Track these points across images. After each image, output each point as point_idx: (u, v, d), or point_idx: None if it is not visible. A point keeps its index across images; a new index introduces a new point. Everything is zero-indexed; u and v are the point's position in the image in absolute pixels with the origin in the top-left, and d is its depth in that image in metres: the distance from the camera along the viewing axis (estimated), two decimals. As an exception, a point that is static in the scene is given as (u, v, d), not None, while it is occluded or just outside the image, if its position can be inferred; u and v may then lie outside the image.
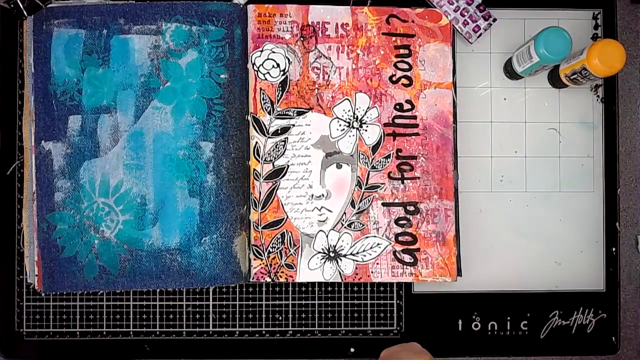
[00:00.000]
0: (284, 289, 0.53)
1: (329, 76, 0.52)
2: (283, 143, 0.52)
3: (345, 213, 0.52)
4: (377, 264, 0.51)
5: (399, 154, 0.52)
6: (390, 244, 0.51)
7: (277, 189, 0.52)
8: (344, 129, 0.52)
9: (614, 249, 0.53)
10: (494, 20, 0.52)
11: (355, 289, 0.53)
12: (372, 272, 0.51)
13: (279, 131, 0.52)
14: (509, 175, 0.53)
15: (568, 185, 0.53)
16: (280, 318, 0.52)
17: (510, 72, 0.52)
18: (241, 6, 0.51)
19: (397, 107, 0.52)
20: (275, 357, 0.52)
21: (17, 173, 0.52)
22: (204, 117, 0.51)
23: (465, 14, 0.51)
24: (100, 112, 0.51)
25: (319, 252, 0.51)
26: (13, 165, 0.52)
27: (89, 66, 0.51)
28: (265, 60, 0.52)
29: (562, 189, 0.53)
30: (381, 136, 0.52)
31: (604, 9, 0.53)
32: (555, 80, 0.51)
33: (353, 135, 0.52)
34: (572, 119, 0.53)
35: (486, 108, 0.53)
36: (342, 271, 0.51)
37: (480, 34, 0.52)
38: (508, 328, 0.52)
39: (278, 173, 0.52)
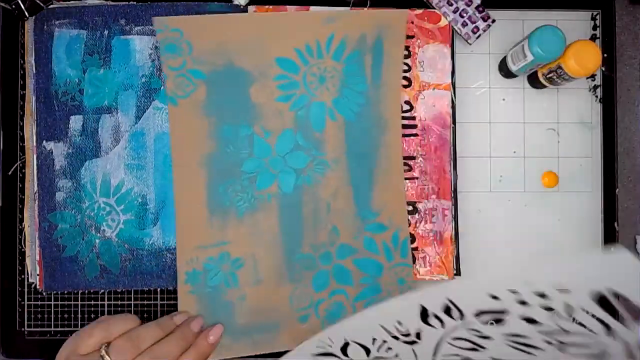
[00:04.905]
0: (283, 288, 0.53)
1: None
2: None
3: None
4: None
5: (398, 154, 0.52)
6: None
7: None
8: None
9: (612, 249, 0.53)
10: (493, 21, 0.52)
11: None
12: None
13: None
14: (507, 175, 0.53)
15: (567, 186, 0.53)
16: (280, 317, 0.52)
17: (505, 71, 0.52)
18: (242, 7, 0.51)
19: (397, 107, 0.52)
20: (275, 357, 0.52)
21: (19, 173, 0.52)
22: (204, 118, 0.51)
23: (464, 15, 0.51)
24: (101, 113, 0.51)
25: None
26: (15, 165, 0.52)
27: (90, 67, 0.51)
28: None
29: (560, 189, 0.53)
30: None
31: (603, 9, 0.53)
32: (533, 79, 0.51)
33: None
34: (571, 119, 0.53)
35: (485, 109, 0.53)
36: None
37: (479, 35, 0.52)
38: (507, 327, 0.52)
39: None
